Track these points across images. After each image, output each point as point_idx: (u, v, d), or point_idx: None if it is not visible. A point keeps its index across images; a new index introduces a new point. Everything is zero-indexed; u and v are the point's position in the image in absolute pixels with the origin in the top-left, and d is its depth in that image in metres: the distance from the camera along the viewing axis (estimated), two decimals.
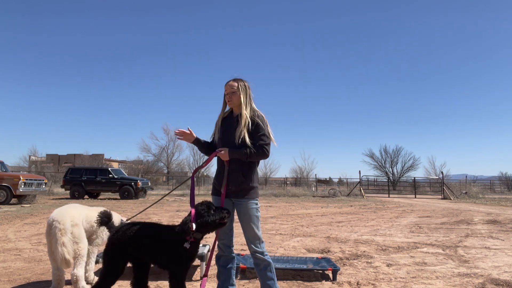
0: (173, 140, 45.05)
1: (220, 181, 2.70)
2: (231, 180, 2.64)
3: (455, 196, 22.80)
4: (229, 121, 2.76)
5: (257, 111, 2.74)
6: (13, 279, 3.54)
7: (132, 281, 2.60)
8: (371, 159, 43.52)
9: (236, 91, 2.69)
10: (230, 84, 2.72)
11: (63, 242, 2.87)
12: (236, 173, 2.62)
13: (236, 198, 2.66)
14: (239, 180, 2.62)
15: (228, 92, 2.72)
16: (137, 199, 17.44)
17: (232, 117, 2.77)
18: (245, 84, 2.76)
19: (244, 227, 2.66)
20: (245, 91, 2.72)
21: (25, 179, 13.31)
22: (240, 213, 2.67)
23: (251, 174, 2.67)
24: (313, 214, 10.87)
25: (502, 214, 11.03)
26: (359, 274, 3.89)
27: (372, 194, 27.42)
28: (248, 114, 2.67)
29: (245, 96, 2.71)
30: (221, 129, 2.76)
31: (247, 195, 2.65)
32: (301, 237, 6.33)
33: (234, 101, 2.71)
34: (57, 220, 2.94)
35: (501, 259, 4.65)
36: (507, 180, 41.43)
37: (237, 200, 2.67)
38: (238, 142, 2.61)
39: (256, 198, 2.70)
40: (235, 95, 2.70)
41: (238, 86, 2.70)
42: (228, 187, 2.65)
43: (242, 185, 2.63)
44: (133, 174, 34.66)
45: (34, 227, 7.22)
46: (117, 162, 53.96)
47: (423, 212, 11.84)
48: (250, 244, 2.66)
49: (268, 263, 2.65)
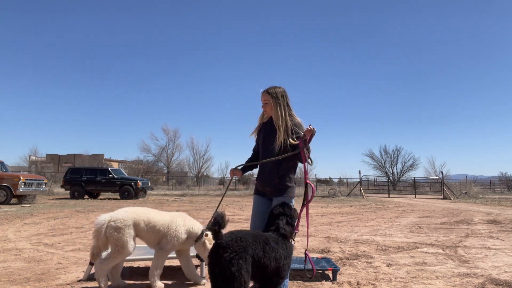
0: (173, 140, 45.11)
1: (259, 181, 2.87)
2: (267, 181, 2.79)
3: (455, 196, 22.80)
4: (269, 127, 2.85)
5: (294, 118, 2.81)
6: (13, 279, 3.54)
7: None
8: (371, 159, 43.51)
9: (268, 102, 2.80)
10: (263, 94, 2.83)
11: (96, 242, 3.05)
12: (271, 174, 2.76)
13: (274, 196, 2.78)
14: (274, 181, 2.75)
15: (262, 102, 2.84)
16: (137, 199, 17.44)
17: (272, 124, 2.84)
18: (279, 92, 2.80)
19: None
20: (278, 100, 2.77)
21: (25, 179, 13.30)
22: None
23: (287, 174, 2.78)
24: (313, 214, 10.88)
25: (502, 214, 11.03)
26: (359, 274, 3.89)
27: (372, 194, 27.42)
28: (283, 123, 2.73)
29: (278, 106, 2.76)
30: (262, 135, 2.87)
31: (285, 194, 2.75)
32: (301, 237, 6.33)
33: (269, 112, 2.83)
34: (99, 218, 3.14)
35: (501, 259, 4.65)
36: (507, 180, 41.42)
37: (275, 198, 2.77)
38: (277, 150, 2.71)
39: (291, 197, 2.78)
40: (268, 105, 2.81)
41: (270, 96, 2.79)
42: (265, 188, 2.81)
43: (278, 186, 2.75)
44: (133, 174, 34.64)
45: (34, 227, 7.22)
46: (117, 162, 53.93)
47: (423, 212, 11.84)
48: None
49: None
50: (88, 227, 7.33)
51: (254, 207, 2.99)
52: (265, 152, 2.84)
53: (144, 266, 4.11)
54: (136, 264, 4.19)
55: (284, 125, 2.73)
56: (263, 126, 2.90)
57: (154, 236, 3.30)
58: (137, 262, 4.21)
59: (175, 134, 45.29)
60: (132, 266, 4.10)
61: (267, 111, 2.83)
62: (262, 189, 2.88)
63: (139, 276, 3.67)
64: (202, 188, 30.14)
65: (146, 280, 3.50)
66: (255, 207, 2.98)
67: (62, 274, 3.73)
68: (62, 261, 4.32)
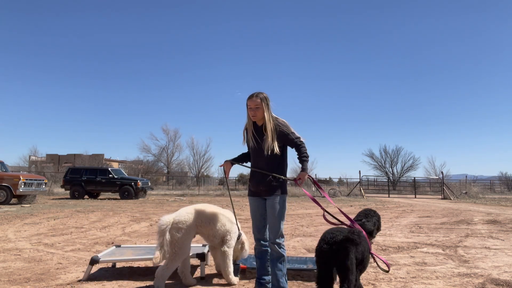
0: (173, 140, 45.10)
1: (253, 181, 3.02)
2: (260, 181, 2.94)
3: (455, 196, 22.80)
4: (258, 133, 2.99)
5: (278, 119, 3.01)
6: (13, 279, 3.54)
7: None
8: (371, 159, 43.52)
9: (260, 107, 2.92)
10: (253, 100, 2.93)
11: (161, 242, 3.10)
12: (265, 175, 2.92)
13: (267, 196, 2.94)
14: (267, 180, 2.92)
15: (252, 107, 2.93)
16: (137, 199, 17.45)
17: (258, 129, 3.00)
18: (265, 97, 2.97)
19: (269, 218, 2.93)
20: (266, 104, 2.94)
21: (25, 179, 13.30)
22: (268, 206, 2.94)
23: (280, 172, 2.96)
24: (313, 214, 10.88)
25: (502, 214, 11.03)
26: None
27: (372, 194, 27.41)
28: (272, 126, 2.91)
29: (267, 109, 2.94)
30: (253, 140, 2.99)
31: (278, 192, 2.93)
32: (301, 237, 6.33)
33: (258, 116, 2.95)
34: (162, 219, 3.18)
35: (501, 259, 4.65)
36: (507, 180, 41.40)
37: (267, 197, 2.95)
38: (268, 154, 2.89)
39: (284, 194, 2.97)
40: (259, 110, 2.93)
41: (261, 101, 2.92)
42: (259, 187, 2.96)
43: (270, 185, 2.91)
44: (133, 174, 34.63)
45: (34, 227, 7.22)
46: (117, 162, 53.91)
47: (423, 212, 11.84)
48: (270, 234, 2.94)
49: (282, 255, 2.90)
50: (88, 227, 7.34)
51: (252, 208, 3.08)
52: (256, 155, 3.00)
53: (144, 266, 4.11)
54: (136, 264, 4.19)
55: (273, 127, 2.91)
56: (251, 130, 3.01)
57: (219, 234, 3.37)
58: (137, 262, 4.21)
59: (175, 134, 45.32)
60: (132, 266, 4.10)
61: (257, 115, 2.94)
62: (255, 189, 3.00)
63: (139, 276, 3.67)
64: (202, 188, 30.15)
65: (146, 280, 3.50)
66: (253, 209, 3.08)
67: (62, 274, 3.73)
68: (62, 261, 4.32)
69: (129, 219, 8.86)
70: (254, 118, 2.97)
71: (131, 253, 3.90)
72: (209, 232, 3.37)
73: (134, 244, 5.32)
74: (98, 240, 5.88)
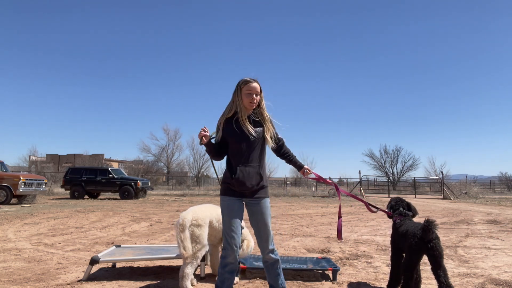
0: (173, 140, 45.12)
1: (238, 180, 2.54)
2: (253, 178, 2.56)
3: (455, 196, 22.80)
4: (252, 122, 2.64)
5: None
6: (13, 279, 3.54)
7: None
8: (371, 159, 43.61)
9: (260, 93, 2.63)
10: (256, 85, 2.60)
11: (180, 238, 3.12)
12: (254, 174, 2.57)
13: (252, 198, 2.60)
14: (257, 180, 2.58)
15: (254, 92, 2.58)
16: (137, 199, 17.44)
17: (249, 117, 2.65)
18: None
19: (261, 226, 2.60)
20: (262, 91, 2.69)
21: (25, 179, 13.30)
22: (255, 212, 2.60)
23: (264, 173, 2.66)
24: (313, 214, 10.88)
25: (502, 214, 11.03)
26: (359, 274, 3.89)
27: (372, 194, 27.40)
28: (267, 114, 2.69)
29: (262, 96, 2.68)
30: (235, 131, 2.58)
31: (264, 194, 2.64)
32: (301, 237, 6.33)
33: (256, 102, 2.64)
34: (181, 216, 3.21)
35: (501, 259, 4.65)
36: (507, 180, 41.44)
37: (253, 200, 2.60)
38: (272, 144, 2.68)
39: (268, 196, 2.72)
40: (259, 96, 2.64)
41: (260, 87, 2.63)
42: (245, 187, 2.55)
43: (259, 185, 2.60)
44: (133, 174, 34.63)
45: (34, 227, 7.22)
46: (117, 162, 53.91)
47: (423, 212, 11.83)
48: (265, 244, 2.62)
49: (277, 259, 2.68)
50: (88, 227, 7.34)
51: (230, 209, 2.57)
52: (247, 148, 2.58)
53: (144, 266, 4.11)
54: (136, 264, 4.19)
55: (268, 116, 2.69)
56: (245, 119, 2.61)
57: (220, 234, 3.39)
58: (137, 262, 4.21)
59: (175, 134, 45.35)
60: (132, 266, 4.10)
61: (256, 101, 2.62)
62: (240, 189, 2.55)
63: (139, 276, 3.67)
64: (202, 188, 30.14)
65: (146, 280, 3.50)
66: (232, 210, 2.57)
67: (62, 274, 3.73)
68: (62, 261, 4.32)
69: (129, 219, 8.86)
70: (253, 105, 2.61)
71: (131, 253, 3.90)
72: (212, 232, 3.42)
73: (134, 244, 5.32)
74: (98, 240, 5.88)
